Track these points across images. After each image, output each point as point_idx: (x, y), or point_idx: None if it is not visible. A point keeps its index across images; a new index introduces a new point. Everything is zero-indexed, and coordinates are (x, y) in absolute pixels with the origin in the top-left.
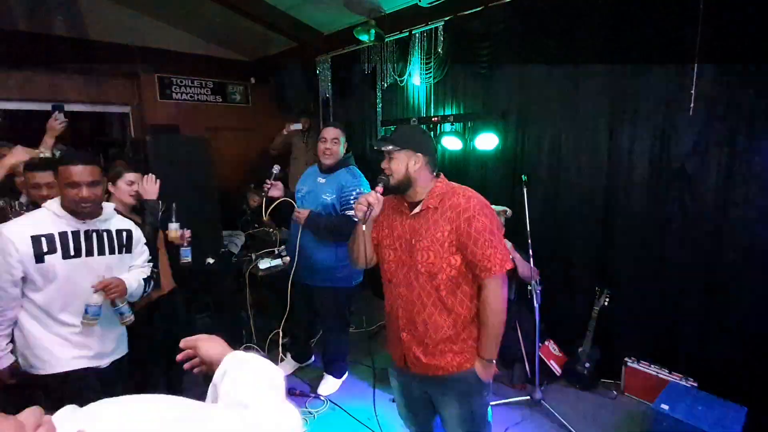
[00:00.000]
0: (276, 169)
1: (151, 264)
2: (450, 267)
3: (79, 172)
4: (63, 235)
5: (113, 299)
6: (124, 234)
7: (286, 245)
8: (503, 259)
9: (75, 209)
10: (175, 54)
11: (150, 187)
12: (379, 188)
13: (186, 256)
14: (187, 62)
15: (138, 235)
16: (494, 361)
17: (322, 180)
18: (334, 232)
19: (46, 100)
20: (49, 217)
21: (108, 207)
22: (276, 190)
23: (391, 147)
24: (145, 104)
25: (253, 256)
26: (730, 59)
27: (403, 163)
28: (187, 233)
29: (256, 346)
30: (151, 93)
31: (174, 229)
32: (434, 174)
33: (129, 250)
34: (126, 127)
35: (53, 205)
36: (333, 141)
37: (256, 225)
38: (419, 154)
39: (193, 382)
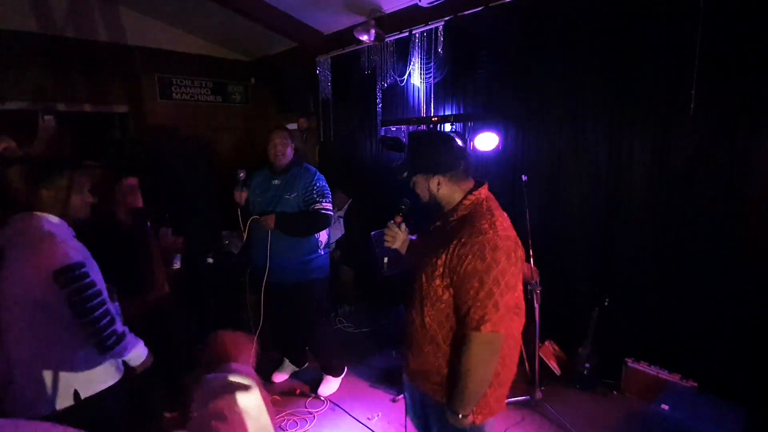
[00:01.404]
0: (242, 175)
1: None
2: (437, 298)
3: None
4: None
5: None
6: None
7: (251, 252)
8: (483, 318)
9: (80, 217)
10: (175, 54)
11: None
12: (398, 218)
13: (176, 262)
14: (187, 62)
15: None
16: (466, 417)
17: (277, 182)
18: (307, 229)
19: (45, 100)
20: (65, 224)
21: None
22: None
23: (405, 175)
24: (145, 104)
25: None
26: (730, 59)
27: (424, 188)
28: (180, 240)
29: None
30: (151, 93)
31: (165, 235)
32: (466, 183)
33: None
34: (126, 128)
35: (50, 214)
36: (282, 143)
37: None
38: (438, 176)
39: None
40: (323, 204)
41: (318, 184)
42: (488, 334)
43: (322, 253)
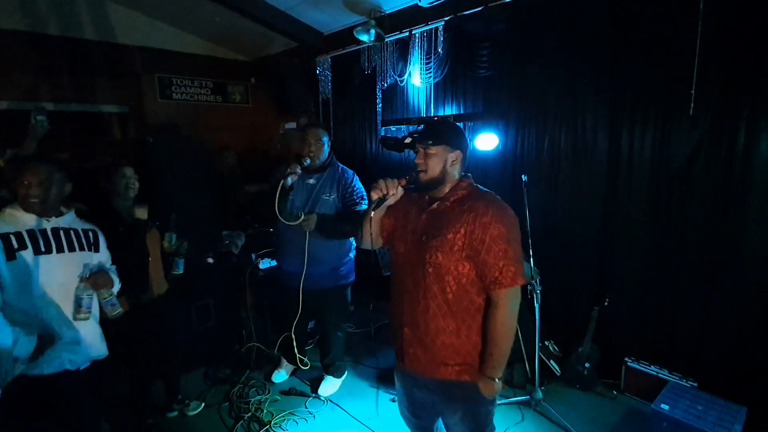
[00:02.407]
0: (307, 162)
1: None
2: (458, 273)
3: (31, 172)
4: (31, 233)
5: (101, 290)
6: (91, 234)
7: (280, 249)
8: (516, 273)
9: (25, 206)
10: (175, 54)
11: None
12: (403, 180)
13: (178, 268)
14: (187, 62)
15: (102, 237)
16: (500, 380)
17: (312, 181)
18: (347, 231)
19: (46, 100)
20: (13, 217)
21: (70, 210)
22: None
23: (431, 142)
24: (145, 104)
25: (254, 256)
26: (730, 59)
27: (441, 159)
28: (183, 245)
29: (259, 344)
30: (151, 93)
31: (169, 239)
32: (462, 172)
33: (97, 249)
34: (126, 128)
35: (15, 205)
36: (316, 143)
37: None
38: (458, 151)
39: (192, 386)
40: (363, 205)
41: (357, 186)
42: (519, 287)
43: (352, 257)
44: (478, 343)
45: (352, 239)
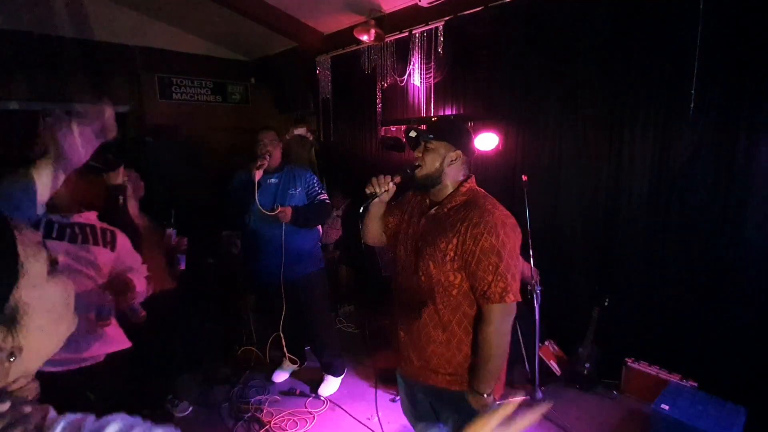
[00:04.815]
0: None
1: None
2: (449, 284)
3: None
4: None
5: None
6: (109, 233)
7: (255, 247)
8: (506, 289)
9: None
10: (175, 54)
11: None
12: (397, 178)
13: (180, 264)
14: (187, 62)
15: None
16: (490, 395)
17: (273, 180)
18: (318, 219)
19: (46, 100)
20: None
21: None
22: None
23: (432, 136)
24: (145, 104)
25: None
26: (730, 60)
27: (439, 156)
28: (184, 241)
29: (256, 349)
30: (151, 93)
31: (170, 235)
32: (466, 175)
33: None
34: (126, 128)
35: None
36: (271, 142)
37: None
38: (459, 151)
39: (189, 384)
40: (324, 194)
41: (315, 179)
42: (510, 304)
43: (321, 244)
44: (469, 355)
45: (318, 229)
